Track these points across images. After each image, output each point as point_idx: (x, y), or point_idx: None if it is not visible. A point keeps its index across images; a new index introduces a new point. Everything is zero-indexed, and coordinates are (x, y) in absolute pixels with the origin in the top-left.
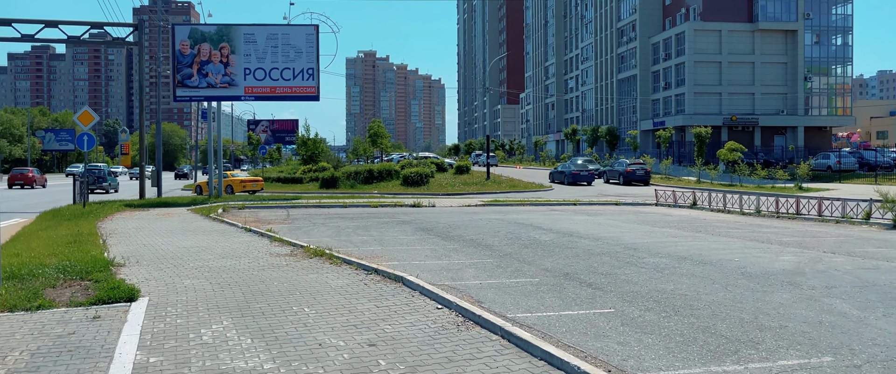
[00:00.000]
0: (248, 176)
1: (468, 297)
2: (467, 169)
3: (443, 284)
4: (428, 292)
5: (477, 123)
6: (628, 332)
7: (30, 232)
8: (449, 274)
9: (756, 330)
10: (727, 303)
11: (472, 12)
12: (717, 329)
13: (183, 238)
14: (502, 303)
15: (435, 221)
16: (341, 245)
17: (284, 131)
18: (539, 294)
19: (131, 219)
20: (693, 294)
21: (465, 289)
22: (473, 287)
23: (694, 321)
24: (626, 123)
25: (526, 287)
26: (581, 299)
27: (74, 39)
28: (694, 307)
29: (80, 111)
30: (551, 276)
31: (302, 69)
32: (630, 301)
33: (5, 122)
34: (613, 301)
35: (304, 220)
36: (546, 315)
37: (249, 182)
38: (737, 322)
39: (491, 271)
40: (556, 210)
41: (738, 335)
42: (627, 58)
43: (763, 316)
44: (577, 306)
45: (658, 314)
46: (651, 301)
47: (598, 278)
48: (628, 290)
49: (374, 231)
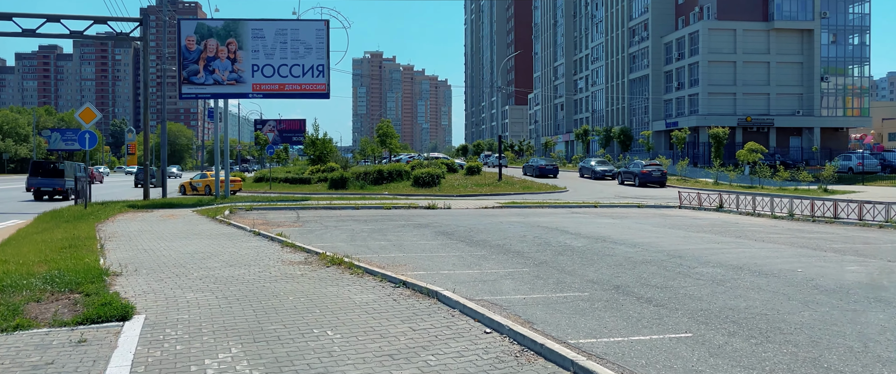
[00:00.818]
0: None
1: (516, 317)
2: (478, 170)
3: (482, 299)
4: (470, 311)
5: (484, 124)
6: (723, 366)
7: (24, 235)
8: (485, 287)
9: (877, 364)
10: (819, 326)
11: (480, 13)
12: (828, 363)
13: (187, 243)
14: (557, 324)
15: (454, 224)
16: (358, 251)
17: (291, 131)
18: (595, 313)
19: (133, 221)
20: (774, 314)
21: (508, 306)
22: (518, 303)
23: (795, 351)
24: (637, 124)
25: (577, 304)
26: (647, 320)
27: (77, 34)
28: (784, 331)
29: (82, 108)
30: (600, 289)
31: (311, 66)
32: (704, 322)
33: (11, 121)
34: (685, 322)
35: (316, 222)
36: (614, 341)
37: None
38: (847, 353)
39: (530, 282)
40: (577, 213)
41: (858, 370)
42: (639, 58)
43: (873, 344)
44: (645, 328)
45: (745, 339)
46: (729, 322)
47: (655, 293)
48: (696, 307)
49: (392, 235)
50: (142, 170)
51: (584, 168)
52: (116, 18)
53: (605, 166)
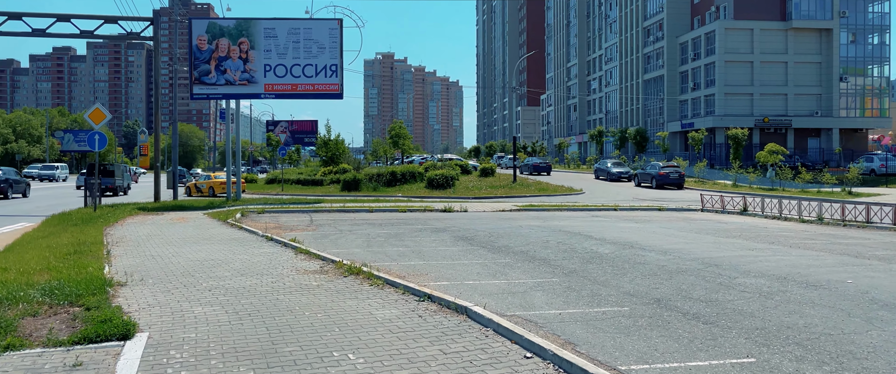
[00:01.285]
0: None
1: (555, 337)
2: (492, 172)
3: (515, 315)
4: (505, 331)
5: (496, 125)
6: None
7: (29, 240)
8: (516, 300)
9: None
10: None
11: (492, 13)
12: None
13: (197, 248)
14: (603, 347)
15: (472, 228)
16: (376, 258)
17: (304, 132)
18: (641, 332)
19: (143, 224)
20: (838, 334)
21: (544, 323)
22: (554, 320)
23: None
24: (652, 125)
25: (618, 320)
26: (700, 341)
27: (87, 33)
28: (857, 356)
29: (91, 109)
30: (640, 303)
31: (325, 66)
32: (764, 344)
33: (24, 122)
34: (744, 344)
35: (329, 226)
36: (670, 368)
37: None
38: None
39: (563, 294)
40: (598, 216)
41: None
42: (654, 58)
43: None
44: (700, 351)
45: (817, 366)
46: (792, 344)
47: (700, 308)
48: (750, 326)
49: (409, 241)
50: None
51: (599, 170)
52: (127, 18)
53: (621, 168)
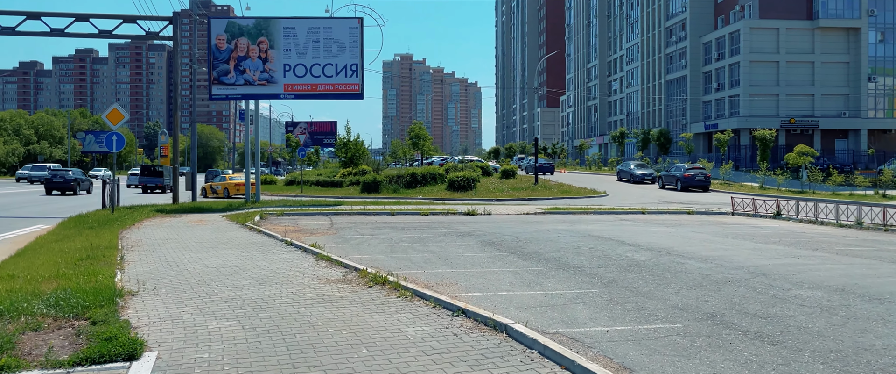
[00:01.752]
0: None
1: (607, 359)
2: (513, 173)
3: (558, 333)
4: (552, 354)
5: (516, 127)
6: None
7: (41, 244)
8: (556, 314)
9: None
10: None
11: (511, 14)
12: None
13: (214, 254)
14: (663, 373)
15: (498, 232)
16: (401, 265)
17: (322, 133)
18: (701, 355)
19: (160, 227)
20: None
21: (592, 342)
22: (602, 339)
23: None
24: (674, 126)
25: (673, 340)
26: (771, 366)
27: (106, 33)
28: None
29: (109, 109)
30: (693, 319)
31: (345, 65)
32: (845, 371)
33: (46, 124)
34: (823, 371)
35: (350, 230)
36: None
37: (244, 185)
38: None
39: (606, 308)
40: (626, 220)
41: None
42: (676, 58)
43: None
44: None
45: None
46: (878, 371)
47: (760, 325)
48: (822, 347)
49: (434, 246)
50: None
51: (622, 172)
52: (146, 17)
53: (645, 170)
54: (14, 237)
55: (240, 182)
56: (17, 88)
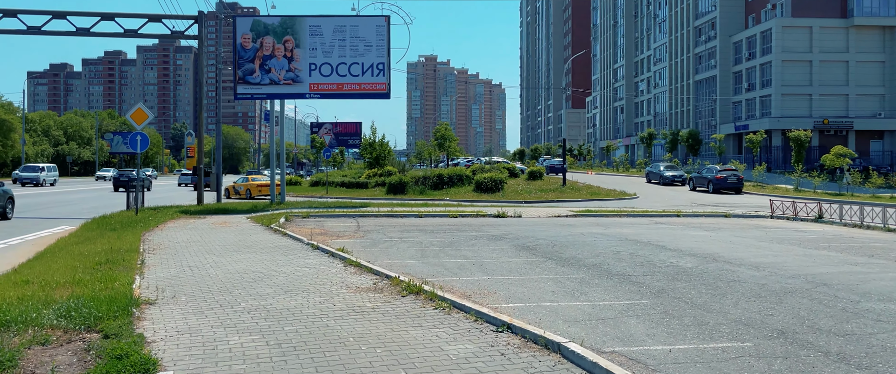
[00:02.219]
0: (266, 181)
1: None
2: (540, 175)
3: (615, 352)
4: None
5: (540, 128)
6: None
7: (62, 246)
8: (609, 330)
9: None
10: None
11: (536, 14)
12: None
13: (238, 258)
14: None
15: (531, 236)
16: (434, 272)
17: (347, 134)
18: None
19: (184, 229)
20: None
21: (657, 365)
22: (667, 361)
23: None
24: (703, 127)
25: (747, 362)
26: None
27: (132, 32)
28: None
29: (133, 109)
30: (762, 336)
31: (371, 64)
32: None
33: (75, 125)
34: None
35: (378, 232)
36: None
37: (266, 186)
38: None
39: (662, 322)
40: (662, 224)
41: None
42: (706, 58)
43: None
44: None
45: None
46: None
47: (840, 344)
48: None
49: (467, 250)
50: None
51: (651, 173)
52: (172, 16)
53: (675, 171)
54: (36, 239)
55: (262, 183)
56: (48, 90)
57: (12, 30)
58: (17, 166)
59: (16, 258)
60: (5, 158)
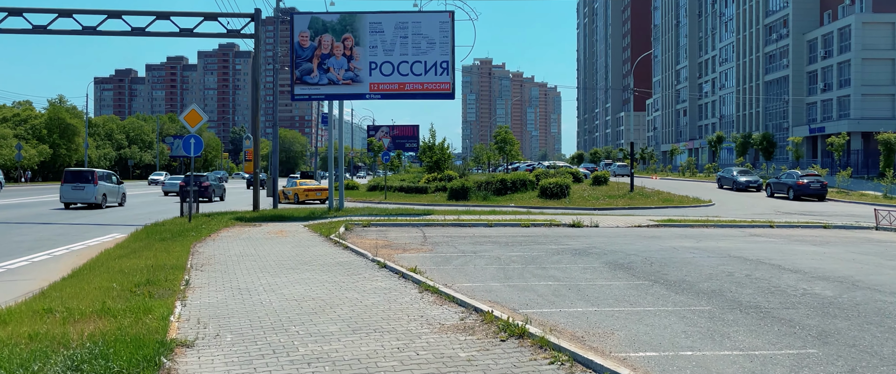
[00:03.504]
0: (314, 185)
1: None
2: (605, 180)
3: None
4: None
5: (598, 132)
6: None
7: (103, 260)
8: None
9: None
10: None
11: (594, 16)
12: None
13: (295, 278)
14: None
15: (619, 250)
16: (524, 298)
17: (404, 137)
18: None
19: (237, 239)
20: None
21: None
22: None
23: None
24: (774, 130)
25: None
26: None
27: (187, 32)
28: None
29: (187, 111)
30: None
31: (435, 63)
32: None
33: (137, 128)
34: None
35: (447, 245)
36: None
37: (313, 191)
38: None
39: None
40: (758, 236)
41: None
42: (777, 57)
43: None
44: None
45: None
46: None
47: None
48: None
49: (553, 268)
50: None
51: (723, 178)
52: (228, 14)
53: (749, 176)
54: (83, 248)
55: (309, 187)
56: (113, 95)
57: (67, 30)
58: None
59: (52, 274)
60: (69, 162)
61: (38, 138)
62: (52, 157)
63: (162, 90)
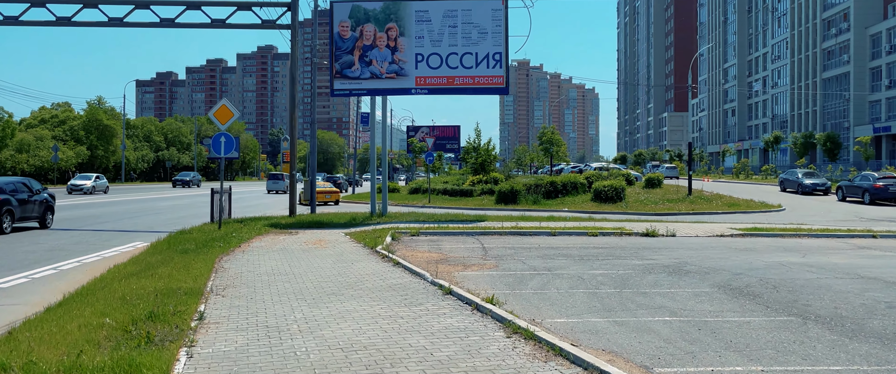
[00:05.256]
0: (322, 187)
1: None
2: (659, 182)
3: None
4: None
5: (639, 133)
6: None
7: (107, 281)
8: None
9: None
10: None
11: (635, 14)
12: None
13: (338, 312)
14: None
15: (720, 268)
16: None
17: (445, 138)
18: None
19: (271, 251)
20: None
21: None
22: None
23: None
24: (833, 129)
25: None
26: None
27: (219, 22)
28: None
29: (217, 106)
30: None
31: (487, 54)
32: None
33: (175, 130)
34: None
35: (513, 259)
36: None
37: (325, 193)
38: None
39: None
40: (866, 248)
41: None
42: (836, 53)
43: None
44: None
45: None
46: None
47: None
48: None
49: (655, 294)
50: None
51: (786, 181)
52: (262, 3)
53: (815, 179)
54: (98, 260)
55: (322, 190)
56: (154, 98)
57: (91, 22)
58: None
59: (48, 296)
60: (107, 164)
61: (75, 140)
62: (89, 158)
63: (202, 93)
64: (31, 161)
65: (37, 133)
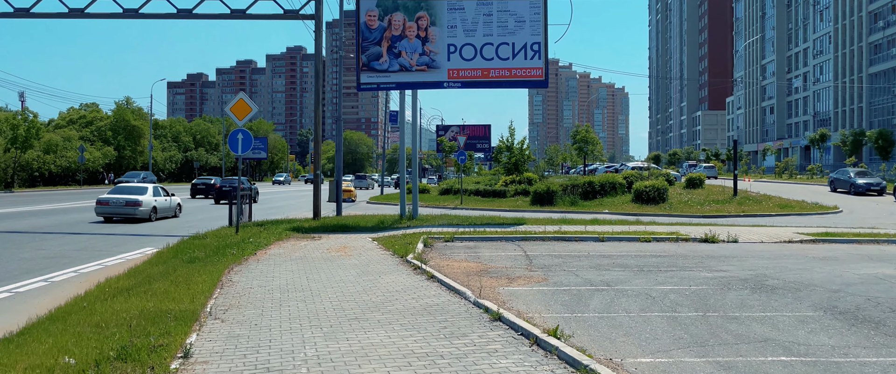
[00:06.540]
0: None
1: None
2: (701, 183)
3: None
4: None
5: (672, 132)
6: None
7: (90, 299)
8: None
9: None
10: None
11: (667, 11)
12: None
13: (360, 347)
14: None
15: (808, 282)
16: None
17: (475, 138)
18: None
19: (288, 260)
20: None
21: None
22: None
23: None
24: (880, 126)
25: None
26: None
27: (239, 13)
28: None
29: (234, 100)
30: None
31: (524, 44)
32: None
33: (203, 130)
34: None
35: (563, 270)
36: None
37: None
38: None
39: None
40: None
41: None
42: (884, 47)
43: None
44: None
45: None
46: None
47: None
48: None
49: (749, 319)
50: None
51: (837, 180)
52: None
53: (869, 179)
54: (98, 269)
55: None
56: (185, 99)
57: (105, 14)
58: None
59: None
60: (134, 164)
61: (103, 140)
62: (116, 159)
63: (231, 93)
64: (58, 162)
65: (64, 134)
